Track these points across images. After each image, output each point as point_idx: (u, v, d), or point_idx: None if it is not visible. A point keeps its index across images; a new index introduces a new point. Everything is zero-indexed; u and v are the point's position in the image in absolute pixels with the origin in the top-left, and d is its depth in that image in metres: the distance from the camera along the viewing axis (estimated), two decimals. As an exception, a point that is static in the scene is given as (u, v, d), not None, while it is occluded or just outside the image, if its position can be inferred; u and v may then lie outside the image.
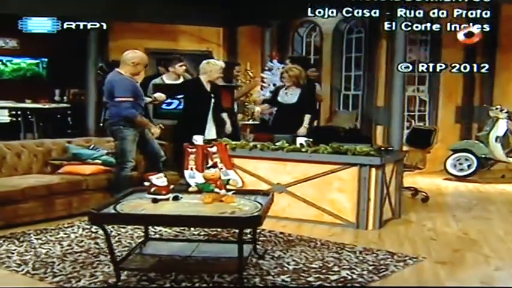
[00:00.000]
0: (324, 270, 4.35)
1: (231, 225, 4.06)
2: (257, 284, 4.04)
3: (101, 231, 5.35)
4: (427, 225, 5.93)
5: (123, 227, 5.51)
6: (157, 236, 5.26)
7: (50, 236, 5.28)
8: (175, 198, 4.33)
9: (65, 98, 11.15)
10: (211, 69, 6.99)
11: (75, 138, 7.21)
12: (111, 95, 6.03)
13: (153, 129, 6.30)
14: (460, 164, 8.90)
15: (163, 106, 7.88)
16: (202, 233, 5.39)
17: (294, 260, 4.58)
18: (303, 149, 5.95)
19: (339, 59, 10.09)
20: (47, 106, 9.83)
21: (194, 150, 6.32)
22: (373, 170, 5.63)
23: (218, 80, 7.31)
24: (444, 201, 7.35)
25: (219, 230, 5.40)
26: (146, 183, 4.37)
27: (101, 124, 6.36)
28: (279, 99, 7.19)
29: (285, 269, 4.37)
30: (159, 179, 4.38)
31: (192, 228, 5.46)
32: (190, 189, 4.53)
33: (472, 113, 9.98)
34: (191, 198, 4.38)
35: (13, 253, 4.71)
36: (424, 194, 7.13)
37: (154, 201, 4.24)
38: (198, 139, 6.37)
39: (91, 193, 6.18)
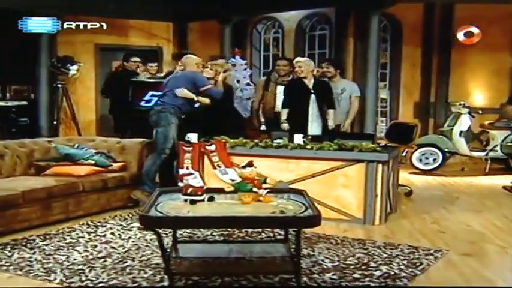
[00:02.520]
0: (363, 267, 4.36)
1: (293, 225, 3.94)
2: (308, 283, 3.99)
3: (109, 235, 5.25)
4: (426, 218, 6.08)
5: (130, 230, 5.33)
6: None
7: (58, 241, 4.98)
8: (211, 199, 4.21)
9: (7, 95, 10.57)
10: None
11: (56, 138, 6.87)
12: (190, 85, 6.52)
13: None
14: (426, 158, 9.18)
15: (142, 103, 7.68)
16: (215, 234, 5.27)
17: (326, 258, 4.57)
18: (308, 146, 5.94)
19: (301, 56, 10.09)
20: (9, 104, 9.28)
21: (190, 148, 6.18)
22: (380, 166, 5.71)
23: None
24: (424, 194, 7.53)
25: (229, 230, 5.30)
26: (180, 184, 4.23)
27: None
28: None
29: (324, 267, 4.35)
30: (194, 180, 4.26)
31: (203, 230, 5.33)
32: (226, 188, 4.40)
33: (428, 108, 10.31)
34: (225, 198, 4.28)
35: (31, 261, 4.41)
36: (408, 188, 7.30)
37: (193, 202, 4.10)
38: (192, 137, 6.24)
39: (86, 195, 5.91)
